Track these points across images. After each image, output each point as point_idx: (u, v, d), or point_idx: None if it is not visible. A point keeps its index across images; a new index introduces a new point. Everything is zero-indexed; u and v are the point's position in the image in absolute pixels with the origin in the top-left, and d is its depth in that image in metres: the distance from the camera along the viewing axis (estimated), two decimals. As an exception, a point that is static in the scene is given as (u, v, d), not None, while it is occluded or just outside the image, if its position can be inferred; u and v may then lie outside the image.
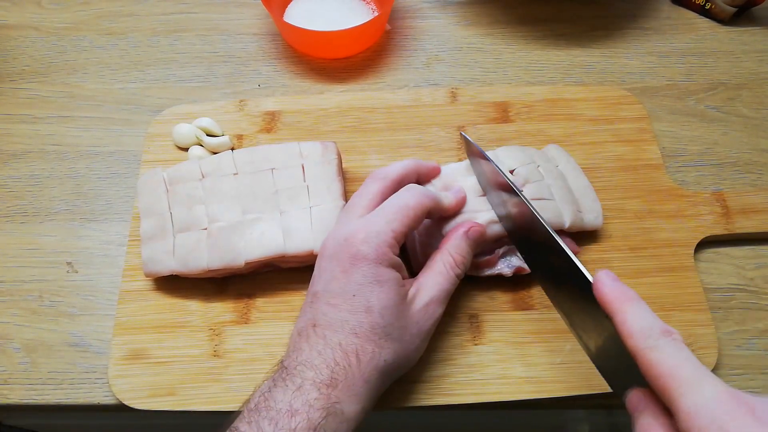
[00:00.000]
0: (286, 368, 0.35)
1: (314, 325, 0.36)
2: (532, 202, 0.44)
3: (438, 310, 0.39)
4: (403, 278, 0.39)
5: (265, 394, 0.34)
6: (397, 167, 0.42)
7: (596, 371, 0.42)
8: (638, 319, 0.29)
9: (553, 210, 0.44)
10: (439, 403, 0.42)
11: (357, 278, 0.36)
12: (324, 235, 0.44)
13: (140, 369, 0.43)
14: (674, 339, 0.28)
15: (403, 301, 0.38)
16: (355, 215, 0.39)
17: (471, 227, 0.42)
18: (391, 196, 0.40)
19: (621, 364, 0.32)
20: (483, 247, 0.44)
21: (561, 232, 0.45)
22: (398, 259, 0.38)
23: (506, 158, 0.47)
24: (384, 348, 0.36)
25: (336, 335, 0.36)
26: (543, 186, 0.45)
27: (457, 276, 0.41)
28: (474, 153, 0.45)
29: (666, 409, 0.28)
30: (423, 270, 0.41)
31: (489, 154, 0.47)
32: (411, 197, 0.39)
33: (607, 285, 0.32)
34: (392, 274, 0.37)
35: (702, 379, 0.27)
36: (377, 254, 0.37)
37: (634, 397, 0.30)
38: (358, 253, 0.37)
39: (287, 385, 0.34)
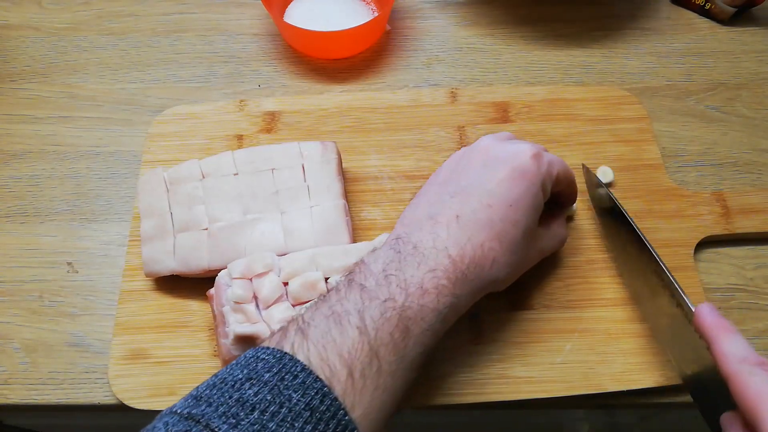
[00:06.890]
0: (416, 247, 0.35)
1: (458, 217, 0.36)
2: None
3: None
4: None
5: (395, 264, 0.34)
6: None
7: (596, 371, 0.43)
8: (734, 347, 0.32)
9: None
10: (439, 403, 0.42)
11: (519, 191, 0.37)
12: (325, 235, 0.45)
13: (140, 369, 0.43)
14: (766, 369, 0.31)
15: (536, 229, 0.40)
16: None
17: None
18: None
19: (713, 391, 0.35)
20: None
21: None
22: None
23: (330, 261, 0.42)
24: (510, 264, 0.37)
25: (481, 235, 0.35)
26: None
27: None
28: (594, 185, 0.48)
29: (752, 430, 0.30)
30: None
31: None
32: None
33: (707, 315, 0.34)
34: (541, 202, 0.39)
35: None
36: (546, 174, 0.38)
37: (726, 418, 0.33)
38: (527, 169, 0.38)
39: (418, 263, 0.34)
